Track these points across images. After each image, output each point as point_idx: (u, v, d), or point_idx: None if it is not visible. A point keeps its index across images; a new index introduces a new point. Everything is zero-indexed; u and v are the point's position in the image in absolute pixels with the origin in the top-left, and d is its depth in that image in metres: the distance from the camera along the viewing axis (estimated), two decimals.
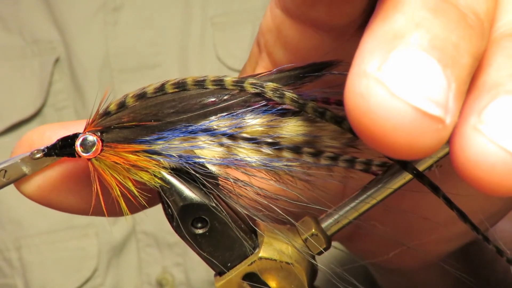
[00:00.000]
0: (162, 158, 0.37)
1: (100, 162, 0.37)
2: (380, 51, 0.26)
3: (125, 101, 0.37)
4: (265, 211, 0.38)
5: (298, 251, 0.38)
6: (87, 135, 0.37)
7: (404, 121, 0.25)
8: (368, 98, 0.25)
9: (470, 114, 0.26)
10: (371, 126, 0.25)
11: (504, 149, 0.25)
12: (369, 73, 0.25)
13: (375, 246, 0.51)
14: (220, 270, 0.38)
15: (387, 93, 0.25)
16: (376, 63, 0.26)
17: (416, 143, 0.25)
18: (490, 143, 0.25)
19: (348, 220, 0.38)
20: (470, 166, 0.26)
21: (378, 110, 0.25)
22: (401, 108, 0.25)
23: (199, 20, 1.06)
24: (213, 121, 0.37)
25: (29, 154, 0.38)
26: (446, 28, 0.26)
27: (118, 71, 1.04)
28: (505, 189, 0.26)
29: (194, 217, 0.37)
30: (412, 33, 0.26)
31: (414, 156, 0.26)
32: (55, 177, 0.40)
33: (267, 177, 0.37)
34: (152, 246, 1.00)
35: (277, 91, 0.35)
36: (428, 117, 0.25)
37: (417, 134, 0.25)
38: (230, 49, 1.04)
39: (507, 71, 0.27)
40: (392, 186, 0.37)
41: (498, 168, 0.25)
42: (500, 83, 0.27)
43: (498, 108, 0.26)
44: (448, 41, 0.26)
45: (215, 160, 0.37)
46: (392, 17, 0.27)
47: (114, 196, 0.37)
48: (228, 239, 0.38)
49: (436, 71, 0.25)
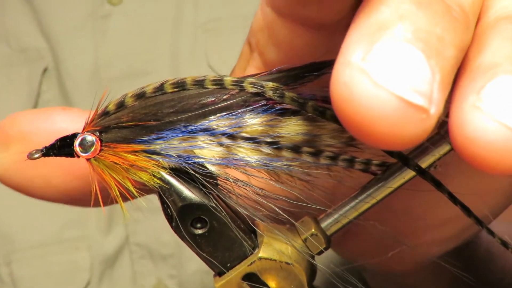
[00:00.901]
0: (161, 158, 0.37)
1: (99, 162, 0.37)
2: (365, 42, 0.26)
3: (124, 101, 0.37)
4: (265, 211, 0.38)
5: (297, 251, 0.38)
6: (86, 135, 0.37)
7: (387, 110, 0.25)
8: (352, 87, 0.25)
9: (469, 93, 0.27)
10: (355, 115, 0.26)
11: (505, 125, 0.25)
12: (353, 62, 0.26)
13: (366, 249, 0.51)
14: (219, 270, 0.38)
15: (370, 83, 0.25)
16: (360, 53, 0.26)
17: (400, 133, 0.25)
18: (490, 120, 0.26)
19: (348, 219, 0.38)
20: (471, 144, 0.26)
21: (361, 99, 0.25)
22: (385, 98, 0.25)
23: (190, 27, 1.04)
24: (212, 121, 0.36)
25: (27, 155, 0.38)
26: (431, 20, 0.27)
27: (108, 79, 1.01)
28: (506, 166, 0.26)
29: (194, 217, 0.37)
30: (396, 24, 0.26)
31: (399, 146, 0.26)
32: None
33: (267, 177, 0.37)
34: (146, 257, 0.98)
35: (277, 90, 0.35)
36: (412, 106, 0.25)
37: (401, 124, 0.25)
38: (221, 57, 1.02)
39: (503, 52, 0.28)
40: (392, 185, 0.37)
41: (499, 144, 0.25)
42: (498, 64, 0.27)
43: (497, 86, 0.26)
44: (432, 33, 0.26)
45: (214, 160, 0.37)
46: (377, 9, 0.27)
47: (113, 196, 0.37)
48: (227, 239, 0.38)
49: (420, 61, 0.26)
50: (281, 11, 0.37)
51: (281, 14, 0.38)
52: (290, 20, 0.37)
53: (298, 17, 0.37)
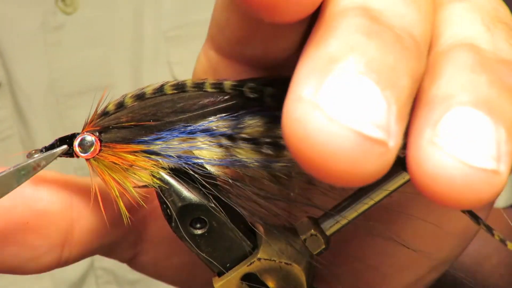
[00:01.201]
0: (161, 159, 0.37)
1: (98, 162, 0.37)
2: (316, 76, 0.25)
3: (123, 101, 0.37)
4: (264, 212, 0.38)
5: (297, 252, 0.38)
6: (85, 135, 0.37)
7: (345, 146, 0.24)
8: (305, 124, 0.24)
9: (425, 128, 0.26)
10: (310, 153, 0.24)
11: (462, 161, 0.25)
12: (305, 97, 0.24)
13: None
14: (219, 270, 0.38)
15: (324, 118, 0.24)
16: (312, 88, 0.25)
17: (360, 169, 0.24)
18: (447, 156, 0.25)
19: (347, 220, 0.38)
20: (429, 181, 0.25)
21: (316, 136, 0.24)
22: (341, 133, 0.24)
23: (151, 35, 0.97)
24: (212, 122, 0.36)
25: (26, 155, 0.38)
26: (382, 50, 0.26)
27: (64, 96, 0.95)
28: (467, 201, 0.25)
29: (193, 217, 0.37)
30: (347, 56, 0.25)
31: (358, 182, 0.25)
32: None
33: (266, 177, 0.37)
34: (112, 283, 0.94)
35: (275, 97, 0.35)
36: (370, 140, 0.24)
37: (360, 159, 0.24)
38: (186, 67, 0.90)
39: (457, 82, 0.27)
40: (391, 186, 0.37)
41: (458, 181, 0.25)
42: (452, 95, 0.26)
43: (452, 120, 0.25)
44: (384, 63, 0.25)
45: (214, 160, 0.37)
46: (325, 41, 0.26)
47: (113, 196, 0.37)
48: (227, 240, 0.38)
49: (374, 93, 0.25)
50: (225, 52, 0.37)
51: (226, 55, 0.37)
52: (236, 61, 0.37)
53: (243, 57, 0.36)
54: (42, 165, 0.36)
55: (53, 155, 0.37)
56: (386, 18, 0.27)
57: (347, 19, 0.27)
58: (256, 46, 0.35)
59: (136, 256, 0.46)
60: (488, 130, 0.26)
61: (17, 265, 0.38)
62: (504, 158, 0.26)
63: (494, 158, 0.25)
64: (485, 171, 0.25)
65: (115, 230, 0.42)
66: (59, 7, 0.96)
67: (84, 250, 0.41)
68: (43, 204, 0.38)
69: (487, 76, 0.27)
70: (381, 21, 0.27)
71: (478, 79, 0.27)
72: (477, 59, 0.28)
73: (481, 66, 0.28)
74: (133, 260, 0.47)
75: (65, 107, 0.95)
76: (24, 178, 0.35)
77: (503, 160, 0.25)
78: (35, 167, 0.36)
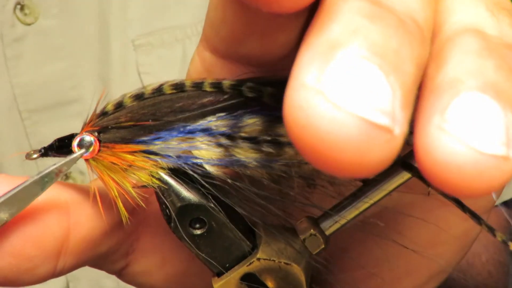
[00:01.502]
0: (160, 159, 0.37)
1: (97, 162, 0.37)
2: (318, 61, 0.24)
3: (122, 101, 0.37)
4: (264, 212, 0.38)
5: (296, 252, 0.38)
6: (84, 135, 0.37)
7: (350, 133, 0.23)
8: (309, 111, 0.23)
9: (433, 114, 0.25)
10: (315, 141, 0.23)
11: (473, 148, 0.24)
12: (308, 84, 0.24)
13: None
14: (218, 271, 0.38)
15: (329, 104, 0.23)
16: (315, 74, 0.24)
17: (366, 157, 0.23)
18: (457, 143, 0.24)
19: (346, 220, 0.38)
20: (439, 168, 0.24)
21: (320, 123, 0.23)
22: (346, 120, 0.23)
23: (118, 44, 0.92)
24: (211, 121, 0.36)
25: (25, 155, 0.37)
26: (385, 34, 0.25)
27: (29, 111, 0.91)
28: (479, 188, 0.25)
29: (192, 217, 0.37)
30: (350, 41, 0.24)
31: (364, 173, 0.24)
32: None
33: (266, 177, 0.37)
34: None
35: (275, 96, 0.35)
36: (376, 127, 0.23)
37: (366, 147, 0.23)
38: (158, 76, 0.90)
39: (465, 67, 0.26)
40: (391, 186, 0.37)
41: (469, 167, 0.24)
42: (460, 80, 0.26)
43: (462, 105, 0.25)
44: (388, 47, 0.25)
45: (213, 160, 0.37)
46: (327, 27, 0.25)
47: (112, 197, 0.37)
48: (226, 240, 0.37)
49: (379, 78, 0.24)
50: (221, 53, 0.36)
51: (221, 56, 0.36)
52: (231, 60, 0.36)
53: (240, 56, 0.36)
54: (64, 171, 0.36)
55: (73, 160, 0.37)
56: (388, 2, 0.27)
57: (349, 3, 0.26)
58: (253, 43, 0.34)
59: (127, 267, 0.46)
60: (497, 115, 0.25)
61: (13, 278, 0.37)
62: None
63: (504, 144, 0.25)
64: (496, 157, 0.24)
65: (110, 239, 0.41)
66: (17, 17, 0.92)
67: (78, 260, 0.40)
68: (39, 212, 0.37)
69: (494, 61, 0.27)
70: (383, 5, 0.26)
71: (485, 64, 0.26)
72: (483, 44, 0.28)
73: (488, 51, 0.27)
74: (123, 271, 0.46)
75: (30, 123, 0.92)
76: (48, 184, 0.35)
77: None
78: (57, 173, 0.36)
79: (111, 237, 0.41)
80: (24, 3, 0.92)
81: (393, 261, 0.44)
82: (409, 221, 0.42)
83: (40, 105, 0.91)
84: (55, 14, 0.93)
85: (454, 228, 0.43)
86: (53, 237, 0.38)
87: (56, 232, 0.38)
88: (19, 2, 0.92)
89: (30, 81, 0.91)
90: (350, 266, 0.45)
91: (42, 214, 0.37)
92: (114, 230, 0.40)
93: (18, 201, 0.35)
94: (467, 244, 0.45)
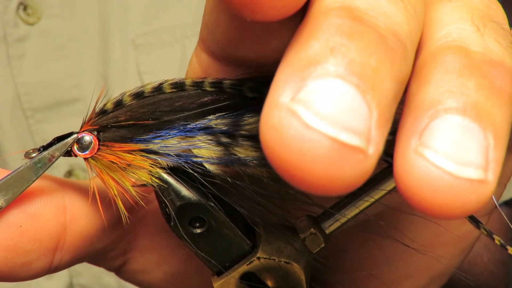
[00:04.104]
0: (160, 158, 0.37)
1: (97, 161, 0.37)
2: (294, 80, 0.24)
3: (122, 100, 0.37)
4: (264, 211, 0.38)
5: (296, 251, 0.38)
6: (83, 134, 0.36)
7: (321, 153, 0.23)
8: (281, 131, 0.23)
9: (411, 136, 0.25)
10: (287, 161, 0.24)
11: (447, 172, 0.24)
12: (282, 103, 0.24)
13: None
14: (218, 270, 0.38)
15: (300, 125, 0.23)
16: (289, 93, 0.24)
17: (337, 177, 0.23)
18: (432, 167, 0.24)
19: (347, 218, 0.38)
20: (415, 191, 0.25)
21: (292, 144, 0.23)
22: (317, 140, 0.23)
23: (119, 43, 0.92)
24: (211, 120, 0.36)
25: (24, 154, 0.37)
26: (364, 52, 0.25)
27: (32, 110, 0.91)
28: (453, 212, 0.25)
29: (192, 216, 0.37)
30: (327, 59, 0.24)
31: (337, 191, 0.24)
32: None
33: (266, 176, 0.37)
34: None
35: None
36: (347, 148, 0.23)
37: (337, 167, 0.23)
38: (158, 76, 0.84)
39: (445, 87, 0.26)
40: (391, 185, 0.37)
41: (443, 191, 0.24)
42: (439, 101, 0.26)
43: (438, 128, 0.25)
44: (366, 65, 0.24)
45: (213, 159, 0.37)
46: (306, 44, 0.25)
47: (111, 196, 0.37)
48: (226, 239, 0.37)
49: (354, 98, 0.24)
50: (217, 55, 0.36)
51: (217, 58, 0.36)
52: (227, 63, 0.36)
53: (235, 59, 0.36)
54: (56, 156, 0.36)
55: (65, 144, 0.37)
56: (370, 18, 0.26)
57: (329, 19, 0.26)
58: (247, 47, 0.34)
59: (125, 264, 0.46)
60: (475, 138, 0.25)
61: (8, 272, 0.37)
62: (492, 165, 0.25)
63: (481, 167, 0.25)
64: (472, 181, 0.24)
65: (108, 236, 0.41)
66: (20, 17, 0.92)
67: (75, 256, 0.40)
68: (36, 207, 0.37)
69: (475, 80, 0.26)
70: (365, 21, 0.26)
71: (466, 84, 0.26)
72: (465, 62, 0.27)
73: (469, 69, 0.27)
74: (122, 268, 0.46)
75: (33, 122, 0.92)
76: (41, 170, 0.36)
77: (491, 168, 0.25)
78: (50, 159, 0.36)
79: (108, 234, 0.41)
80: (27, 3, 0.92)
81: (392, 263, 0.44)
82: (409, 221, 0.42)
83: (44, 104, 0.92)
84: (57, 14, 0.93)
85: (454, 230, 0.43)
86: (49, 232, 0.38)
87: (52, 227, 0.38)
88: (22, 2, 0.93)
89: (33, 80, 0.92)
90: (350, 267, 0.45)
91: (39, 208, 0.37)
92: (112, 228, 0.40)
93: (12, 186, 0.35)
94: (468, 246, 0.45)
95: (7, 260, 0.37)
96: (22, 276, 0.38)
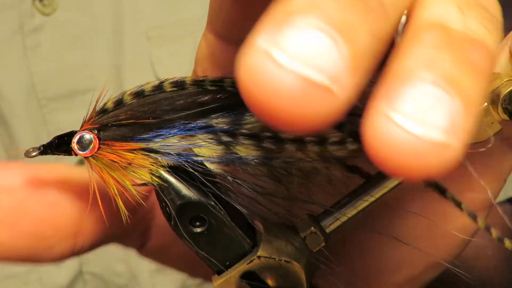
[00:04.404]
0: (160, 156, 0.37)
1: (97, 160, 0.37)
2: (272, 26, 0.25)
3: (122, 99, 0.37)
4: (264, 210, 0.38)
5: (297, 249, 0.38)
6: (84, 133, 0.36)
7: (290, 90, 0.24)
8: (256, 71, 0.24)
9: (381, 100, 0.26)
10: (260, 99, 0.25)
11: (412, 133, 0.24)
12: (258, 46, 0.25)
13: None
14: (218, 269, 0.38)
15: (273, 65, 0.24)
16: (266, 36, 0.25)
17: (305, 114, 0.24)
18: (398, 128, 0.25)
19: (347, 217, 0.38)
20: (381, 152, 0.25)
21: (265, 83, 0.24)
22: (288, 78, 0.24)
23: (132, 35, 0.94)
24: (212, 119, 0.36)
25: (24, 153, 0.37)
26: (342, 8, 0.26)
27: (47, 99, 0.93)
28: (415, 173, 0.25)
29: (192, 215, 0.37)
30: (306, 12, 0.25)
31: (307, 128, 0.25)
32: None
33: (266, 175, 0.37)
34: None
35: None
36: (315, 85, 0.24)
37: (307, 104, 0.24)
38: (169, 68, 0.93)
39: (420, 58, 0.27)
40: (392, 183, 0.37)
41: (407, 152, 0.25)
42: (413, 70, 0.26)
43: (408, 94, 0.25)
44: (343, 20, 0.25)
45: (213, 158, 0.37)
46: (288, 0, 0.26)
47: (112, 195, 0.37)
48: (226, 238, 0.37)
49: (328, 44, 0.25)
50: (222, 35, 0.37)
51: (223, 38, 0.38)
52: (233, 43, 0.37)
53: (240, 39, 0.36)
54: None
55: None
56: None
57: None
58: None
59: (145, 243, 0.48)
60: (444, 104, 0.25)
61: (33, 256, 0.40)
62: (458, 132, 0.25)
63: (445, 132, 0.25)
64: (435, 143, 0.25)
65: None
66: (36, 8, 0.94)
67: (97, 239, 0.42)
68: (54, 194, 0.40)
69: (451, 54, 0.27)
70: None
71: (442, 57, 0.27)
72: (444, 38, 0.28)
73: (448, 44, 0.27)
74: (142, 247, 0.49)
75: (48, 111, 0.93)
76: None
77: (456, 134, 0.25)
78: None
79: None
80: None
81: (387, 252, 0.44)
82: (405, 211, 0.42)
83: (58, 93, 0.93)
84: (72, 6, 0.95)
85: (452, 222, 0.43)
86: (69, 218, 0.40)
87: (71, 213, 0.40)
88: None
89: (48, 70, 0.93)
90: (348, 258, 0.45)
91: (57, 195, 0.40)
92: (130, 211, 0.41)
93: None
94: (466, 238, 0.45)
95: (29, 245, 0.39)
96: (45, 259, 0.41)
